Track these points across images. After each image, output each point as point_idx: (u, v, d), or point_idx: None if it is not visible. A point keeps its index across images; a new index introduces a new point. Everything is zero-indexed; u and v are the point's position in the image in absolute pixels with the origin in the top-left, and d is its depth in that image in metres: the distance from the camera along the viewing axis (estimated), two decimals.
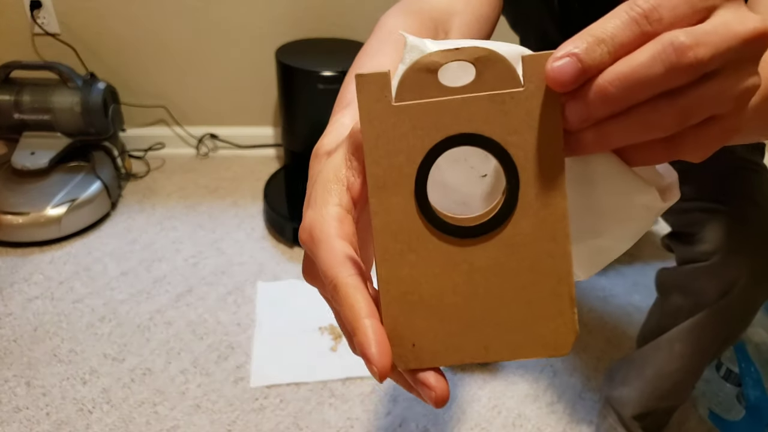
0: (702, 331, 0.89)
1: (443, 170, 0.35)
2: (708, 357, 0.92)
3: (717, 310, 0.85)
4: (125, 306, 1.35)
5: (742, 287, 0.81)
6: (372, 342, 0.28)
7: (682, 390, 0.99)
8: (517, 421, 1.14)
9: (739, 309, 0.85)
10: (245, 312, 1.35)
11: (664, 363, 0.95)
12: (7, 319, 1.30)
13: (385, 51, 0.52)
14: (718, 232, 0.80)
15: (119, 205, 1.69)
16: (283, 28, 1.77)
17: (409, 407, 1.15)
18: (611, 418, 1.08)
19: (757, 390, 1.01)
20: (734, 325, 0.88)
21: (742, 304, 0.84)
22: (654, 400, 1.01)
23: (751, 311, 0.86)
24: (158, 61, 1.80)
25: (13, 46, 1.74)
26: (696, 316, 0.88)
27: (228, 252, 1.53)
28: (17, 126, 1.61)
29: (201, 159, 1.93)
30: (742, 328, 0.90)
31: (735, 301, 0.83)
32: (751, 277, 0.81)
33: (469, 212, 0.30)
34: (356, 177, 0.33)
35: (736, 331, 0.90)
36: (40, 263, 1.46)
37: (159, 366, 1.21)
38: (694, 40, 0.26)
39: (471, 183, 0.35)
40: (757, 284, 0.82)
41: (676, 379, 0.96)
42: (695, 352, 0.91)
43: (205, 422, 1.10)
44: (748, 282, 0.81)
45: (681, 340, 0.91)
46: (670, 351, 0.94)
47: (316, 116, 1.69)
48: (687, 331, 0.90)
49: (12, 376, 1.17)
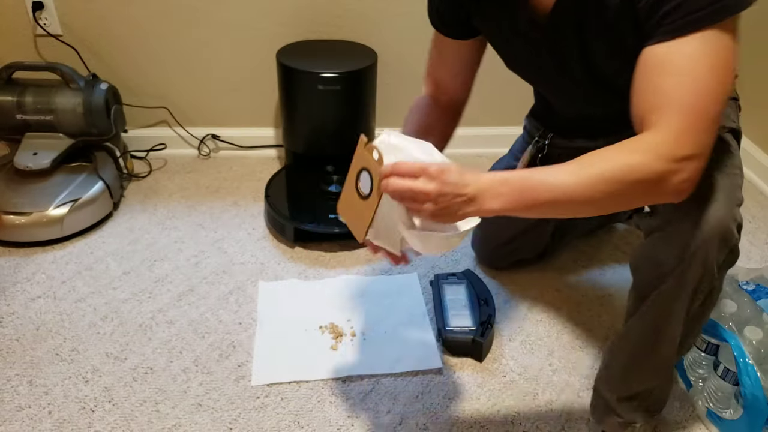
0: (670, 299, 0.90)
1: (363, 179, 0.83)
2: (682, 327, 0.94)
3: (679, 274, 0.87)
4: (127, 305, 1.35)
5: (695, 249, 0.84)
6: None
7: (661, 365, 1.01)
8: (516, 419, 1.14)
9: (697, 271, 0.86)
10: (246, 311, 1.35)
11: (640, 338, 0.98)
12: (10, 318, 1.31)
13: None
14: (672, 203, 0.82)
15: (121, 205, 1.70)
16: (285, 30, 1.78)
17: (409, 405, 1.15)
18: (600, 406, 1.09)
19: (754, 389, 1.02)
20: (699, 290, 0.89)
21: (700, 266, 0.85)
22: (636, 379, 1.03)
23: (709, 273, 0.87)
24: (160, 62, 1.81)
25: (15, 48, 1.75)
26: (662, 286, 0.90)
27: (229, 252, 1.53)
28: (20, 127, 1.62)
29: (203, 159, 1.94)
30: (709, 293, 0.91)
31: (693, 264, 0.85)
32: (702, 239, 0.83)
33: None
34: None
35: (703, 296, 0.91)
36: (43, 263, 1.47)
37: (161, 365, 1.21)
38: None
39: (367, 185, 0.82)
40: (708, 245, 0.84)
41: (654, 351, 0.98)
42: (667, 322, 0.93)
43: (206, 420, 1.11)
44: (701, 244, 0.83)
45: (652, 312, 0.93)
46: (644, 325, 0.96)
47: (316, 117, 1.70)
48: (656, 303, 0.92)
49: (14, 375, 1.18)
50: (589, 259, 1.56)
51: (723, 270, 0.90)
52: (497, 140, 1.97)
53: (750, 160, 1.97)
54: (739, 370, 1.04)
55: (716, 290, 0.93)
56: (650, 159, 0.74)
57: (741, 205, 0.90)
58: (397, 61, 1.83)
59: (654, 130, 0.75)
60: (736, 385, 1.07)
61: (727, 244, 0.86)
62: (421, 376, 1.22)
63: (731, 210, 0.85)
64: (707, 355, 1.16)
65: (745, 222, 1.73)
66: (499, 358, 1.27)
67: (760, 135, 1.96)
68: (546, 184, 0.77)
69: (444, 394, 1.18)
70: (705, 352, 1.16)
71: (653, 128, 0.75)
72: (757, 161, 1.93)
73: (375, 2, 1.76)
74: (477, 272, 1.44)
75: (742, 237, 1.64)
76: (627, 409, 1.06)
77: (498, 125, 2.01)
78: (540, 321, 1.37)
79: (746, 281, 1.20)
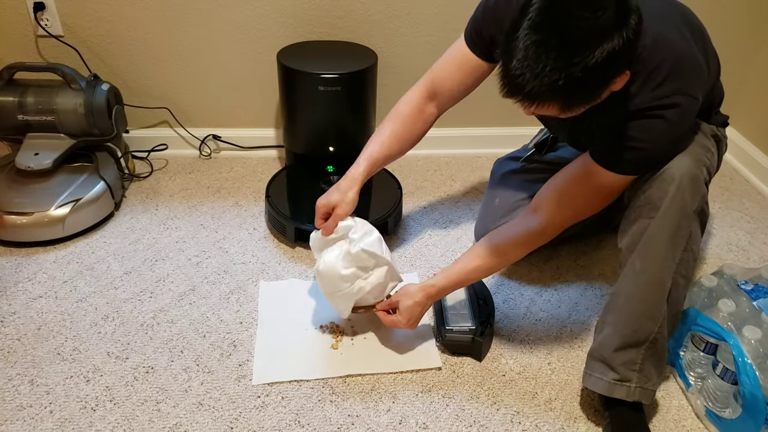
0: (654, 240, 1.04)
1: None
2: (667, 268, 1.04)
3: (662, 214, 1.02)
4: (128, 305, 1.36)
5: (674, 192, 1.01)
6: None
7: (653, 310, 1.07)
8: (515, 418, 1.15)
9: (676, 213, 1.01)
10: (247, 311, 1.36)
11: (630, 285, 1.08)
12: (11, 318, 1.31)
13: (383, 128, 1.28)
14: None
15: (122, 206, 1.70)
16: (285, 31, 1.79)
17: (409, 404, 1.16)
18: (597, 368, 1.11)
19: (753, 388, 1.02)
20: (679, 233, 1.03)
21: (678, 208, 1.01)
22: (630, 328, 1.07)
23: (686, 216, 1.02)
24: (161, 63, 1.82)
25: (17, 48, 1.75)
26: (647, 231, 1.04)
27: (230, 251, 1.54)
28: (21, 127, 1.63)
29: (204, 160, 1.94)
30: (689, 238, 1.04)
31: (674, 202, 1.01)
32: (677, 184, 1.01)
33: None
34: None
35: (684, 241, 1.04)
36: (44, 263, 1.47)
37: (162, 364, 1.22)
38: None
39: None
40: (683, 187, 1.01)
41: (644, 296, 1.07)
42: (653, 263, 1.05)
43: (207, 420, 1.11)
44: (677, 187, 1.01)
45: (639, 256, 1.06)
46: (633, 271, 1.07)
47: (316, 118, 1.70)
48: (642, 246, 1.05)
49: (16, 375, 1.18)
50: (588, 259, 1.57)
51: (697, 218, 1.04)
52: (497, 140, 1.97)
53: (750, 160, 1.97)
54: (738, 369, 1.05)
55: (694, 237, 1.05)
56: (534, 248, 1.16)
57: (707, 179, 1.06)
58: (397, 61, 1.84)
59: (544, 223, 1.12)
60: (735, 384, 1.08)
61: (698, 190, 1.02)
62: (421, 375, 1.22)
63: (698, 167, 1.03)
64: (706, 355, 1.16)
65: (745, 222, 1.74)
66: (499, 358, 1.27)
67: (760, 135, 1.97)
68: (467, 281, 1.21)
69: (444, 394, 1.18)
70: (704, 351, 1.16)
71: (544, 220, 1.12)
72: (757, 162, 1.93)
73: (375, 4, 1.77)
74: None
75: (742, 236, 1.64)
76: (623, 364, 1.08)
77: (498, 125, 2.01)
78: (539, 320, 1.37)
79: (745, 281, 1.21)
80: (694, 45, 1.01)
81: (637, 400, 1.09)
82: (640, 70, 0.97)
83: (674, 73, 0.96)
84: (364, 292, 1.21)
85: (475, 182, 1.88)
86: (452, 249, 1.58)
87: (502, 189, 1.49)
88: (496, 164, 1.60)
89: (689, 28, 1.04)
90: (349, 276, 1.19)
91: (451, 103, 1.28)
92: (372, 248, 1.19)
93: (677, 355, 1.23)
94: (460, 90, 1.25)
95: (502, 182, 1.51)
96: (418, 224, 1.68)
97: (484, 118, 1.99)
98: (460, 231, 1.65)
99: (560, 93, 0.86)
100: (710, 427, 1.13)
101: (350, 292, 1.20)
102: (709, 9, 1.86)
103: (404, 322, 1.21)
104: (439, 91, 1.25)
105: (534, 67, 0.84)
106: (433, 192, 1.83)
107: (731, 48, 1.94)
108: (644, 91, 0.97)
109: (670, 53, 0.97)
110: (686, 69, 0.97)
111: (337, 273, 1.19)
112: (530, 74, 0.84)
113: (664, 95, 0.96)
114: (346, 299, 1.22)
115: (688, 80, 0.98)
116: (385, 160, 1.27)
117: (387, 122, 1.28)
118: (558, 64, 0.83)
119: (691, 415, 1.17)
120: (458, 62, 1.22)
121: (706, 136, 1.13)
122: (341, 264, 1.19)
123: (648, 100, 0.97)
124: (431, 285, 1.19)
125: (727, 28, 1.91)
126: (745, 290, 1.17)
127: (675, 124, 0.98)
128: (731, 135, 2.04)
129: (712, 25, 1.97)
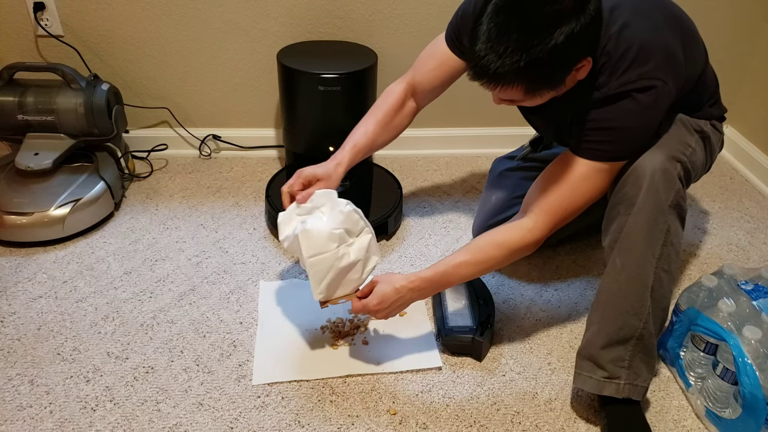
0: (632, 237, 1.05)
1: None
2: (647, 264, 1.06)
3: (637, 210, 1.04)
4: (128, 305, 1.36)
5: (647, 186, 1.02)
6: None
7: (636, 306, 1.07)
8: (515, 418, 1.15)
9: (651, 208, 1.03)
10: (247, 311, 1.36)
11: (612, 282, 1.09)
12: (11, 318, 1.31)
13: (367, 118, 1.32)
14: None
15: (122, 206, 1.70)
16: (285, 31, 1.79)
17: (409, 404, 1.16)
18: (586, 367, 1.12)
19: (753, 388, 1.02)
20: (655, 227, 1.04)
21: (653, 202, 1.03)
22: (615, 325, 1.08)
23: (661, 211, 1.03)
24: (161, 63, 1.82)
25: (17, 48, 1.75)
26: (625, 228, 1.05)
27: (230, 251, 1.54)
28: (21, 127, 1.63)
29: (204, 160, 1.94)
30: (666, 233, 1.05)
31: (648, 198, 1.02)
32: (649, 178, 1.02)
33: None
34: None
35: (662, 235, 1.05)
36: (44, 263, 1.47)
37: (162, 364, 1.22)
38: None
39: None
40: (656, 181, 1.02)
41: (626, 293, 1.07)
42: (633, 259, 1.06)
43: (207, 420, 1.11)
44: (649, 180, 1.02)
45: (619, 253, 1.07)
46: (614, 268, 1.08)
47: (317, 118, 1.70)
48: (621, 243, 1.07)
49: (16, 375, 1.18)
50: (588, 259, 1.57)
51: (674, 213, 1.06)
52: (497, 140, 1.98)
53: (750, 160, 1.97)
54: (738, 369, 1.05)
55: (673, 232, 1.06)
56: (521, 254, 1.13)
57: (681, 174, 1.06)
58: (397, 61, 1.84)
59: (531, 225, 1.11)
60: (735, 384, 1.08)
61: (671, 185, 1.04)
62: (421, 375, 1.22)
63: (671, 162, 1.05)
64: (706, 355, 1.16)
65: (745, 222, 1.74)
66: (499, 358, 1.27)
67: (760, 135, 1.97)
68: (452, 276, 1.14)
69: (444, 393, 1.18)
70: (704, 351, 1.16)
71: (531, 223, 1.11)
72: (757, 162, 1.93)
73: (375, 3, 1.77)
74: None
75: (742, 236, 1.64)
76: (611, 361, 1.09)
77: (498, 125, 2.01)
78: (539, 320, 1.37)
79: (745, 281, 1.21)
80: (668, 33, 1.03)
81: (627, 397, 1.09)
82: (606, 61, 1.00)
83: (639, 59, 0.99)
84: (347, 261, 1.15)
85: (475, 182, 1.88)
86: (452, 249, 1.58)
87: (499, 187, 1.50)
88: (494, 163, 1.60)
89: (665, 18, 1.06)
90: (337, 236, 1.15)
91: (429, 98, 1.34)
92: (360, 213, 1.19)
93: (677, 355, 1.23)
94: (439, 87, 1.31)
95: (499, 180, 1.52)
96: (418, 224, 1.68)
97: (484, 118, 1.99)
98: (460, 231, 1.65)
99: (523, 74, 0.91)
100: (710, 427, 1.13)
101: (334, 256, 1.14)
102: (708, 9, 1.86)
103: (374, 304, 1.11)
104: (419, 88, 1.31)
105: (497, 48, 0.90)
106: (433, 192, 1.83)
107: (730, 48, 1.95)
108: (611, 80, 1.01)
109: (635, 41, 0.99)
110: (653, 55, 0.99)
111: (326, 231, 1.14)
112: (494, 55, 0.90)
113: (630, 80, 0.99)
114: (328, 269, 1.14)
115: (656, 65, 0.99)
116: (368, 150, 1.31)
117: (370, 113, 1.32)
118: (519, 45, 0.88)
119: (691, 415, 1.17)
120: (437, 61, 1.28)
121: (689, 131, 1.14)
122: (330, 223, 1.16)
123: (615, 87, 1.00)
124: (415, 276, 1.12)
125: (726, 28, 1.91)
126: (745, 290, 1.17)
127: (642, 104, 1.00)
128: (731, 135, 2.04)
129: (710, 24, 1.98)
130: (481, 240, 1.15)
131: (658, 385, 1.23)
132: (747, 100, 2.00)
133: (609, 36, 1.00)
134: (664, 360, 1.28)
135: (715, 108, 1.25)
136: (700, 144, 1.16)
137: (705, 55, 1.18)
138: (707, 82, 1.21)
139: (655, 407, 1.18)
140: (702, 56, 1.17)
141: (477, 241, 1.15)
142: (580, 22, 0.89)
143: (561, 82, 0.97)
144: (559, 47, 0.88)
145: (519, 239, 1.11)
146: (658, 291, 1.08)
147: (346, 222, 1.16)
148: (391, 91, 1.32)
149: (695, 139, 1.15)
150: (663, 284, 1.08)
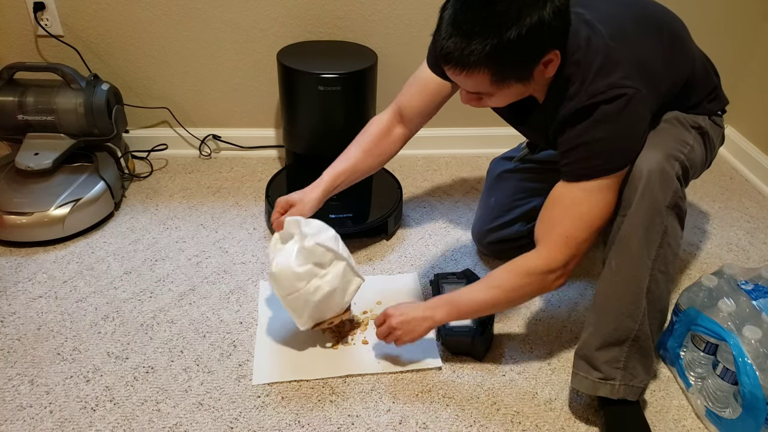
0: (627, 238, 1.04)
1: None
2: (642, 265, 1.05)
3: (632, 212, 1.02)
4: (128, 305, 1.36)
5: (643, 188, 1.01)
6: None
7: (631, 308, 1.07)
8: (515, 418, 1.15)
9: (647, 209, 1.02)
10: (247, 310, 1.36)
11: (608, 284, 1.09)
12: (11, 318, 1.31)
13: (351, 145, 1.33)
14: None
15: (122, 205, 1.70)
16: (285, 31, 1.79)
17: (409, 404, 1.16)
18: (582, 368, 1.12)
19: (753, 388, 1.02)
20: (652, 228, 1.03)
21: (648, 204, 1.02)
22: (610, 327, 1.08)
23: (658, 212, 1.02)
24: (161, 63, 1.82)
25: (17, 48, 1.75)
26: (621, 229, 1.05)
27: (230, 251, 1.54)
28: (21, 127, 1.63)
29: (204, 160, 1.94)
30: (663, 234, 1.04)
31: (644, 198, 1.01)
32: (646, 177, 1.01)
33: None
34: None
35: (659, 237, 1.04)
36: (44, 263, 1.47)
37: (162, 364, 1.22)
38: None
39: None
40: (652, 182, 1.01)
41: (621, 294, 1.07)
42: (628, 261, 1.05)
43: (207, 420, 1.11)
44: (646, 181, 1.01)
45: (615, 255, 1.07)
46: (610, 269, 1.08)
47: (316, 118, 1.70)
48: (617, 245, 1.06)
49: (16, 375, 1.18)
50: (588, 259, 1.57)
51: (672, 213, 1.04)
52: (497, 140, 1.97)
53: (750, 160, 1.97)
54: (738, 369, 1.05)
55: (670, 232, 1.05)
56: (533, 280, 1.08)
57: (679, 173, 1.05)
58: (397, 61, 1.84)
59: (538, 253, 1.07)
60: (735, 384, 1.08)
61: (668, 185, 1.02)
62: (421, 375, 1.22)
63: (668, 161, 1.03)
64: (706, 355, 1.16)
65: (745, 222, 1.74)
66: (499, 358, 1.27)
67: (759, 135, 1.97)
68: (471, 303, 1.13)
69: (444, 393, 1.18)
70: (704, 351, 1.16)
71: (538, 251, 1.08)
72: (757, 162, 1.93)
73: (375, 3, 1.77)
74: (476, 272, 1.45)
75: (742, 236, 1.64)
76: (606, 362, 1.08)
77: (498, 125, 2.01)
78: (539, 320, 1.37)
79: (745, 281, 1.21)
80: (640, 40, 1.04)
81: (622, 398, 1.09)
82: (574, 71, 1.00)
83: (606, 68, 0.98)
84: (322, 293, 1.15)
85: (475, 182, 1.88)
86: (452, 249, 1.58)
87: (498, 189, 1.50)
88: (492, 164, 1.60)
89: (640, 24, 1.06)
90: (305, 274, 1.14)
91: (419, 123, 1.32)
92: (328, 243, 1.16)
93: (677, 355, 1.23)
94: (425, 110, 1.29)
95: (497, 183, 1.52)
96: (418, 224, 1.68)
97: (484, 118, 1.99)
98: (460, 231, 1.65)
99: (487, 60, 0.91)
100: (710, 427, 1.13)
101: (307, 293, 1.15)
102: (708, 9, 1.86)
103: (397, 321, 1.15)
104: (406, 113, 1.30)
105: (462, 29, 0.90)
106: (433, 192, 1.83)
107: (729, 47, 1.95)
108: (581, 91, 1.00)
109: (600, 50, 0.99)
110: (619, 64, 0.98)
111: (291, 271, 1.14)
112: (458, 38, 0.91)
113: (599, 91, 0.98)
114: (304, 303, 1.16)
115: (625, 74, 0.98)
116: (350, 174, 1.30)
117: (355, 140, 1.32)
118: (484, 30, 0.89)
119: (691, 415, 1.17)
120: (421, 84, 1.27)
121: (686, 129, 1.13)
122: (295, 261, 1.14)
123: (584, 99, 0.99)
124: (436, 307, 1.15)
125: (725, 28, 1.91)
126: (745, 290, 1.17)
127: (613, 114, 0.98)
128: (731, 134, 2.04)
129: (709, 24, 1.98)
130: (495, 270, 1.13)
131: (658, 385, 1.23)
132: (747, 100, 2.00)
133: (578, 44, 0.99)
134: (664, 360, 1.28)
135: (715, 103, 1.22)
136: (698, 141, 1.15)
137: (696, 55, 1.17)
138: (703, 79, 1.19)
139: (655, 407, 1.18)
140: (690, 57, 1.15)
141: (492, 272, 1.14)
142: (546, 10, 0.89)
143: (529, 73, 0.96)
144: (525, 34, 0.88)
145: (532, 263, 1.07)
146: (655, 292, 1.07)
147: (311, 257, 1.15)
148: (376, 119, 1.32)
149: (693, 136, 1.14)
150: (659, 285, 1.07)
